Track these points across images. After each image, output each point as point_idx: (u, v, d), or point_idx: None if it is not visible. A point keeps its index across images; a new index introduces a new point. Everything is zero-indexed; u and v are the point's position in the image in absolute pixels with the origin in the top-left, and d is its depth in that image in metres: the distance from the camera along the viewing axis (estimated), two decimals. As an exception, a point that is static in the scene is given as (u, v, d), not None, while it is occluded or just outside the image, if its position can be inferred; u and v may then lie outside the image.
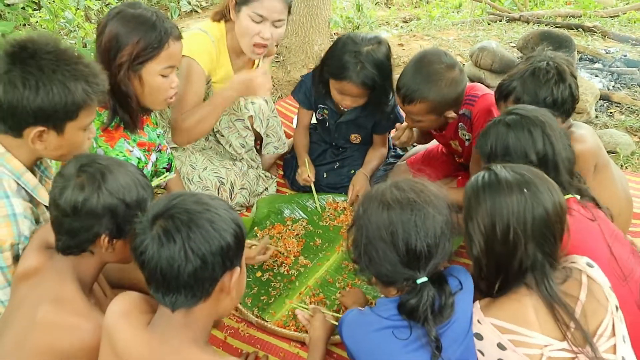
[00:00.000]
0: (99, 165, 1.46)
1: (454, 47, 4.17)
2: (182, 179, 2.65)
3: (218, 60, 2.55)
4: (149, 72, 1.99)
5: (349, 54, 2.39)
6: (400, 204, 1.42)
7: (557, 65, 2.00)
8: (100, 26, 1.99)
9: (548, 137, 1.69)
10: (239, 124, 2.66)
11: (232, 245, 1.29)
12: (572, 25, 4.74)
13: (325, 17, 3.57)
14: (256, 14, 2.36)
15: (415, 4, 6.38)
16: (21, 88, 1.48)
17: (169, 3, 5.94)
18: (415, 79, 2.20)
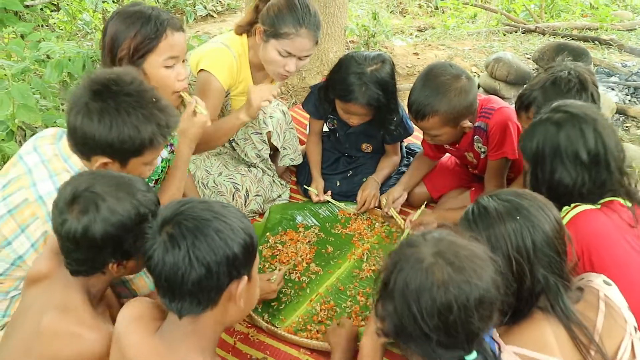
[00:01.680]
0: (91, 195, 1.42)
1: (469, 57, 4.17)
2: (197, 183, 2.66)
3: (239, 75, 2.55)
4: (151, 64, 1.98)
5: (353, 76, 2.41)
6: (458, 286, 1.19)
7: (578, 74, 1.98)
8: (104, 28, 2.03)
9: (600, 135, 1.64)
10: (255, 137, 2.66)
11: (239, 255, 1.27)
12: (588, 38, 4.72)
13: (341, 25, 3.57)
14: (284, 50, 2.35)
15: (430, 14, 6.38)
16: (96, 123, 1.58)
17: (185, 7, 5.97)
18: (424, 94, 2.20)
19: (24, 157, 1.71)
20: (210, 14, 6.21)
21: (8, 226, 1.61)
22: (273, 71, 2.46)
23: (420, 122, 2.25)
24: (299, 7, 2.35)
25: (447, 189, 2.76)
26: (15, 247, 1.62)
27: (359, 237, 2.57)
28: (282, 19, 2.33)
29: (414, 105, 2.22)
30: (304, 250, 2.46)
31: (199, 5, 6.06)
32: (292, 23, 2.32)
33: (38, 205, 1.59)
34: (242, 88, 2.62)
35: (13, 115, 2.60)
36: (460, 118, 2.24)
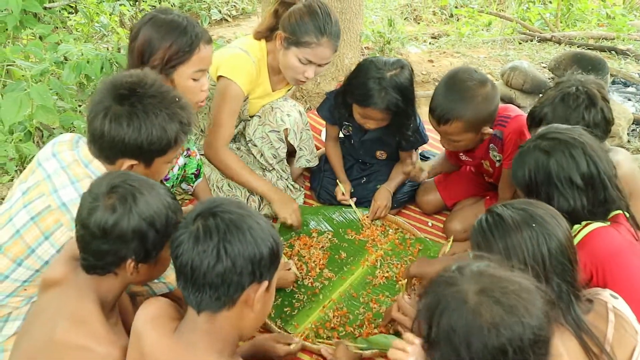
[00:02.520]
0: (130, 187, 1.44)
1: (485, 65, 4.16)
2: (212, 186, 2.67)
3: (257, 79, 2.57)
4: (181, 75, 2.02)
5: (373, 81, 2.39)
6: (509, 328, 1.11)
7: (587, 89, 1.98)
8: (134, 31, 2.04)
9: (591, 158, 1.65)
10: (273, 135, 2.67)
11: (265, 257, 1.30)
12: (605, 47, 4.69)
13: (356, 32, 3.58)
14: (305, 58, 2.39)
15: (444, 21, 6.37)
16: (125, 127, 1.60)
17: (200, 11, 6.00)
18: (449, 98, 2.17)
19: (43, 163, 1.72)
20: (225, 18, 6.23)
21: (31, 233, 1.62)
22: (291, 77, 2.50)
23: (443, 126, 2.22)
24: (321, 16, 2.37)
25: (462, 197, 2.75)
26: (39, 254, 1.63)
27: (372, 243, 2.57)
28: (304, 28, 2.36)
29: (438, 110, 2.20)
30: (317, 256, 2.46)
31: (214, 9, 6.08)
32: (313, 32, 2.35)
33: (62, 212, 1.60)
34: (259, 92, 2.64)
35: (31, 116, 2.62)
36: (482, 124, 2.23)
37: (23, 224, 1.63)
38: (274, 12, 2.54)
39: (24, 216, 1.63)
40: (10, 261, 1.63)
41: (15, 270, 1.64)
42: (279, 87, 2.73)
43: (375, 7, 6.60)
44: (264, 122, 2.67)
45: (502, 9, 6.34)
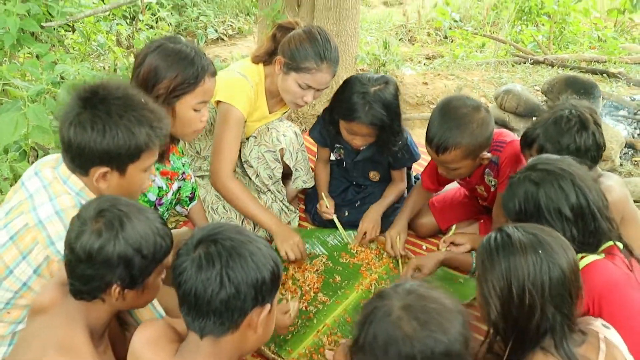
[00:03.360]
0: (118, 212, 1.43)
1: (478, 88, 4.19)
2: (207, 208, 2.66)
3: (256, 103, 2.59)
4: (183, 105, 2.03)
5: (357, 95, 2.41)
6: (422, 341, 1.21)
7: (579, 113, 2.02)
8: (140, 57, 2.03)
9: (580, 189, 1.66)
10: (268, 155, 2.67)
11: (267, 281, 1.31)
12: (596, 70, 4.75)
13: (352, 54, 3.62)
14: (305, 83, 2.41)
15: (439, 42, 6.44)
16: (89, 131, 1.56)
17: (197, 30, 6.05)
18: (445, 127, 2.18)
19: (26, 182, 1.71)
20: (221, 37, 6.27)
21: (10, 253, 1.60)
22: (290, 101, 2.52)
23: (442, 155, 2.22)
24: (320, 42, 2.39)
25: (456, 220, 2.75)
26: (17, 274, 1.61)
27: (367, 267, 2.56)
28: (304, 54, 2.37)
29: (435, 139, 2.20)
30: (312, 279, 2.45)
31: (210, 28, 6.12)
32: (313, 58, 2.37)
33: (38, 230, 1.59)
34: (257, 115, 2.66)
35: (27, 136, 2.62)
36: (480, 150, 2.24)
37: (2, 244, 1.61)
38: (272, 37, 2.56)
39: (3, 236, 1.62)
40: None
41: None
42: (275, 110, 2.74)
43: (370, 27, 6.67)
44: (259, 143, 2.68)
45: (496, 30, 6.41)
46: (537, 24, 6.15)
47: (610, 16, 6.38)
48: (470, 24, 6.68)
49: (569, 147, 1.98)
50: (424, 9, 6.86)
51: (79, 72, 2.84)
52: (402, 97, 3.92)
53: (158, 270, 1.51)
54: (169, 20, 5.21)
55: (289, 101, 2.54)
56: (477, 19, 6.72)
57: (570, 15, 5.90)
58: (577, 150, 1.98)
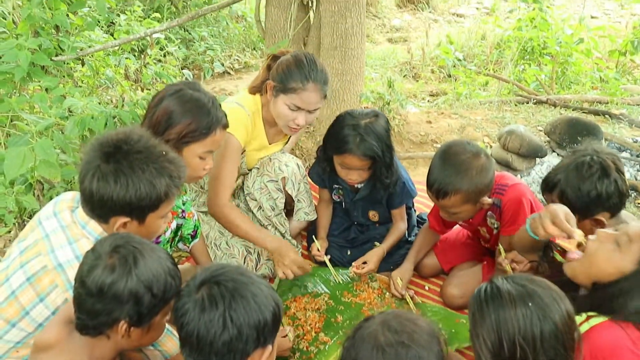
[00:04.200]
0: (132, 248, 1.46)
1: (482, 127, 4.23)
2: (209, 244, 2.67)
3: (253, 132, 2.62)
4: (191, 152, 2.06)
5: (348, 128, 2.46)
6: (394, 347, 1.33)
7: (601, 160, 2.01)
8: (157, 98, 2.08)
9: None
10: (271, 185, 2.70)
11: (269, 322, 1.33)
12: (599, 111, 4.78)
13: (357, 92, 3.66)
14: (293, 104, 2.45)
15: (442, 79, 6.51)
16: (112, 184, 1.61)
17: (203, 63, 6.12)
18: (446, 173, 2.22)
19: (43, 221, 1.73)
20: (227, 71, 6.35)
21: (26, 295, 1.61)
22: (283, 125, 2.56)
23: (442, 200, 2.26)
24: (305, 64, 2.46)
25: (459, 261, 2.75)
26: (34, 316, 1.62)
27: (369, 306, 2.55)
28: (290, 75, 2.44)
29: (436, 184, 2.24)
30: (313, 319, 2.44)
31: (217, 62, 6.20)
32: (299, 78, 2.43)
33: (57, 273, 1.60)
34: (256, 145, 2.69)
35: (33, 168, 2.64)
36: (480, 195, 2.27)
37: (19, 285, 1.62)
38: (266, 67, 2.62)
39: (20, 276, 1.63)
40: (5, 322, 1.62)
41: (9, 332, 1.63)
42: (275, 140, 2.78)
43: (375, 64, 6.75)
44: (262, 173, 2.71)
45: (499, 68, 6.48)
46: (540, 63, 6.22)
47: (612, 57, 6.46)
48: (474, 62, 6.76)
49: (590, 194, 1.98)
50: (428, 47, 6.95)
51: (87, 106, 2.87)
52: (406, 136, 3.96)
53: (165, 310, 1.52)
54: (177, 55, 5.28)
55: (282, 125, 2.57)
56: (481, 57, 6.80)
57: (572, 56, 5.96)
58: (598, 197, 1.97)
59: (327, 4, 3.49)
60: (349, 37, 3.54)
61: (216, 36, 6.69)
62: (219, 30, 6.77)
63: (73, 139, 2.90)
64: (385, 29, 8.36)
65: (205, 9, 4.04)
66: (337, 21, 3.50)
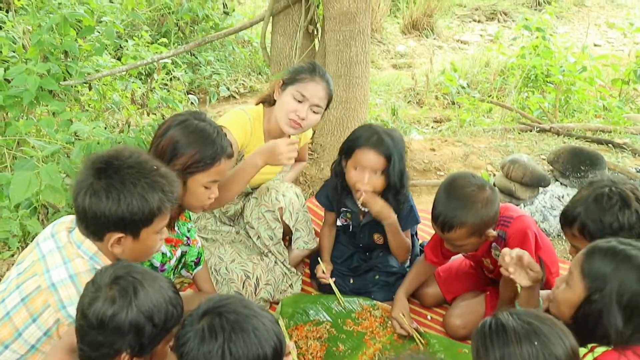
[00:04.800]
0: (132, 279, 1.47)
1: (485, 155, 4.24)
2: (209, 269, 2.67)
3: (252, 136, 2.68)
4: (195, 181, 2.07)
5: (365, 129, 2.58)
6: None
7: (620, 191, 2.01)
8: (163, 128, 2.10)
9: None
10: (268, 215, 2.71)
11: (268, 357, 1.33)
12: (602, 140, 4.79)
13: (361, 119, 3.69)
14: (299, 92, 2.56)
15: (446, 106, 6.54)
16: (104, 200, 1.61)
17: (209, 87, 6.18)
18: (451, 206, 2.22)
19: (41, 243, 1.75)
20: (233, 95, 6.41)
21: (20, 316, 1.62)
22: (285, 118, 2.61)
23: (447, 233, 2.25)
24: (314, 63, 2.68)
25: (461, 291, 2.74)
26: (26, 337, 1.62)
27: (370, 335, 2.54)
28: (300, 69, 2.66)
29: (441, 217, 2.23)
30: (315, 347, 2.43)
31: (223, 86, 6.26)
32: (307, 70, 2.62)
33: (50, 293, 1.61)
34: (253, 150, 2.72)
35: (38, 192, 2.66)
36: (485, 228, 2.26)
37: (13, 306, 1.63)
38: None
39: (15, 297, 1.64)
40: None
41: (1, 354, 1.63)
42: None
43: (379, 90, 6.79)
44: (259, 203, 2.73)
45: (503, 95, 6.52)
46: (544, 91, 6.25)
47: (615, 86, 6.49)
48: (478, 88, 6.80)
49: (612, 226, 1.97)
50: (432, 73, 7.00)
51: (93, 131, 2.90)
52: (410, 164, 3.98)
53: (167, 338, 1.52)
54: (183, 79, 5.33)
55: (284, 121, 2.62)
56: (484, 84, 6.85)
57: (575, 84, 5.99)
58: (620, 229, 1.97)
59: (332, 33, 3.54)
60: (354, 66, 3.58)
61: (222, 60, 6.76)
62: (225, 55, 6.84)
63: (78, 164, 2.92)
64: (390, 55, 8.43)
65: (212, 36, 4.09)
66: (342, 50, 3.55)
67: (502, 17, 10.32)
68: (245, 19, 7.34)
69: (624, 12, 10.54)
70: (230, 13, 6.96)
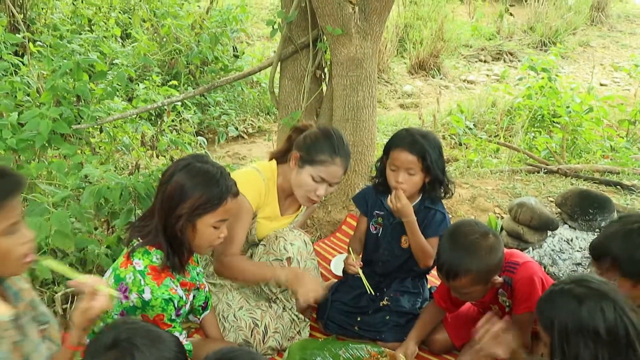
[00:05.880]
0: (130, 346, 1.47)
1: (492, 198, 4.24)
2: (217, 315, 2.66)
3: (266, 199, 2.68)
4: (204, 223, 2.10)
5: (402, 130, 2.65)
6: None
7: None
8: (167, 174, 2.13)
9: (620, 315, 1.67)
10: (276, 264, 2.71)
11: None
12: (610, 182, 4.77)
13: (368, 163, 3.72)
14: (319, 176, 2.54)
15: (454, 145, 6.57)
16: None
17: (218, 127, 6.26)
18: (455, 254, 2.24)
19: None
20: (242, 135, 6.48)
21: None
22: (303, 195, 2.63)
23: (452, 281, 2.27)
24: (334, 137, 2.60)
25: (471, 337, 2.71)
26: None
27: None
28: (319, 147, 2.56)
29: (445, 266, 2.25)
30: (323, 396, 2.40)
31: (231, 126, 6.34)
32: (327, 151, 2.54)
33: None
34: (268, 212, 2.73)
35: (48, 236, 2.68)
36: (491, 275, 2.27)
37: None
38: (288, 138, 2.72)
39: None
40: None
41: None
42: (288, 213, 2.82)
43: (387, 130, 6.84)
44: (267, 251, 2.73)
45: (510, 134, 6.54)
46: (551, 131, 6.27)
47: (622, 126, 6.51)
48: (485, 128, 6.84)
49: None
50: (439, 113, 7.05)
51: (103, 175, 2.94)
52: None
53: None
54: (192, 121, 5.41)
55: (302, 196, 2.62)
56: (492, 124, 6.89)
57: (582, 125, 6.02)
58: None
59: (339, 78, 3.60)
60: (361, 110, 3.63)
61: (231, 101, 6.86)
62: (233, 95, 6.94)
63: (88, 208, 2.95)
64: (397, 95, 8.51)
65: (221, 80, 4.18)
66: (349, 94, 3.60)
67: (507, 57, 10.43)
68: (255, 59, 7.47)
69: (629, 53, 10.63)
70: (240, 56, 7.09)
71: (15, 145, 3.22)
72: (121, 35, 6.66)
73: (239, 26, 6.99)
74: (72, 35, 4.48)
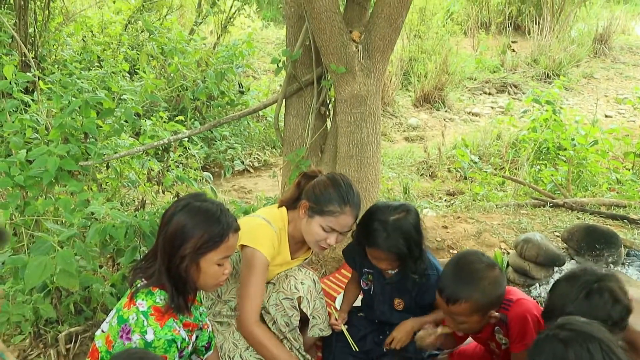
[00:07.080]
0: None
1: (498, 233, 4.23)
2: (223, 355, 2.64)
3: (279, 248, 2.67)
4: (207, 261, 2.10)
5: (377, 222, 2.51)
6: None
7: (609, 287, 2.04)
8: (167, 215, 2.14)
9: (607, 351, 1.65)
10: (286, 302, 2.70)
11: None
12: (617, 216, 4.75)
13: (373, 198, 3.72)
14: (329, 226, 2.53)
15: (459, 179, 6.58)
16: None
17: (224, 162, 6.31)
18: (458, 279, 2.26)
19: None
20: (247, 169, 6.52)
21: None
22: (314, 243, 2.61)
23: (451, 306, 2.26)
24: (343, 187, 2.56)
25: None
26: None
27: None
28: (328, 198, 2.53)
29: (447, 290, 2.26)
30: None
31: (237, 160, 6.39)
32: (337, 202, 2.51)
33: None
34: (279, 260, 2.73)
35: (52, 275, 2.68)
36: (489, 308, 2.27)
37: None
38: (297, 184, 2.71)
39: None
40: None
41: None
42: (297, 255, 2.81)
43: (392, 163, 6.88)
44: (277, 290, 2.71)
45: (515, 167, 6.55)
46: (556, 164, 6.28)
47: (628, 158, 6.50)
48: (490, 161, 6.85)
49: (606, 323, 1.95)
50: (444, 146, 7.09)
51: (109, 214, 2.95)
52: (422, 242, 3.96)
53: None
54: (198, 156, 5.46)
55: (312, 244, 2.62)
56: (497, 157, 6.90)
57: (587, 158, 6.02)
58: (613, 324, 1.98)
59: (344, 115, 3.63)
60: (365, 146, 3.65)
61: (237, 135, 6.93)
62: (240, 129, 7.02)
63: (93, 247, 2.96)
64: (402, 128, 8.58)
65: (227, 117, 4.22)
66: (353, 131, 3.62)
67: (512, 89, 10.52)
68: (261, 93, 7.57)
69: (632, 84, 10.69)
70: (245, 92, 7.19)
71: (23, 182, 3.25)
72: (129, 70, 6.78)
73: (245, 61, 7.11)
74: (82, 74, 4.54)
